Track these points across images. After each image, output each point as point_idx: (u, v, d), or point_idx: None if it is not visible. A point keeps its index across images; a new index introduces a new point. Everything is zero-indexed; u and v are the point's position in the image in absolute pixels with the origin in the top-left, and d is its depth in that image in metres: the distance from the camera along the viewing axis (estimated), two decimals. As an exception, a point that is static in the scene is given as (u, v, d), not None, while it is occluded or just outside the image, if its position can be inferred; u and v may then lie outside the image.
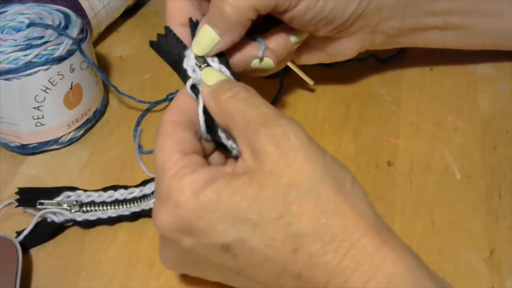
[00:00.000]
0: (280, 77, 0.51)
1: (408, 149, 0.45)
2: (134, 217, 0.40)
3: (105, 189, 0.41)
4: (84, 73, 0.46)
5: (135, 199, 0.41)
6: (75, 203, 0.40)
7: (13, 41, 0.44)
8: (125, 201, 0.41)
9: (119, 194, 0.41)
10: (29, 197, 0.41)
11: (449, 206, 0.41)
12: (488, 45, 0.48)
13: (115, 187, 0.41)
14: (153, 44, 0.35)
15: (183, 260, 0.31)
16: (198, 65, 0.34)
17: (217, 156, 0.34)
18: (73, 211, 0.40)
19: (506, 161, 0.43)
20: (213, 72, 0.33)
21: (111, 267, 0.39)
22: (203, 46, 0.35)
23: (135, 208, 0.40)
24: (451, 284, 0.29)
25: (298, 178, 0.27)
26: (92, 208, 0.41)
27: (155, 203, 0.30)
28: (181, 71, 0.34)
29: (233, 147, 0.32)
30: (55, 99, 0.45)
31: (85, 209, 0.40)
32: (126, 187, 0.41)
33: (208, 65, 0.34)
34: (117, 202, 0.41)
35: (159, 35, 0.35)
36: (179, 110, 0.32)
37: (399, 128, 0.47)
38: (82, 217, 0.40)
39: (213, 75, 0.33)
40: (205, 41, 0.35)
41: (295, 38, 0.41)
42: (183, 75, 0.34)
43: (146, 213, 0.40)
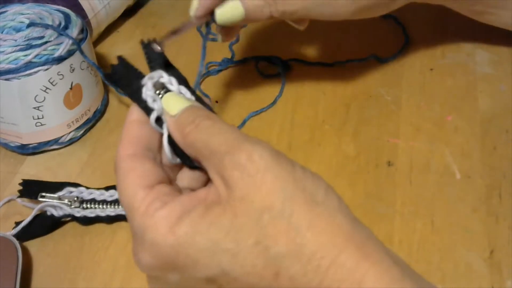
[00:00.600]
0: (281, 77, 0.51)
1: (408, 149, 0.45)
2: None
3: (107, 188, 0.42)
4: (84, 73, 0.46)
5: (135, 200, 0.41)
6: (76, 199, 0.41)
7: (13, 41, 0.44)
8: (125, 202, 0.41)
9: (120, 194, 0.41)
10: (32, 189, 0.41)
11: (449, 206, 0.41)
12: None
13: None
14: (108, 76, 0.33)
15: None
16: (157, 93, 0.32)
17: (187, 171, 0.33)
18: (72, 206, 0.40)
19: (506, 161, 0.43)
20: (174, 99, 0.32)
21: (111, 267, 0.39)
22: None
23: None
24: (451, 284, 0.29)
25: (268, 200, 0.27)
26: (92, 205, 0.41)
27: (133, 244, 0.29)
28: (141, 102, 0.32)
29: None
30: (55, 99, 0.45)
31: (85, 205, 0.41)
32: None
33: (167, 90, 0.32)
34: (117, 202, 0.41)
35: (112, 66, 0.33)
36: (132, 141, 0.31)
37: (399, 128, 0.47)
38: (81, 213, 0.40)
39: (175, 103, 0.31)
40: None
41: None
42: (144, 106, 0.32)
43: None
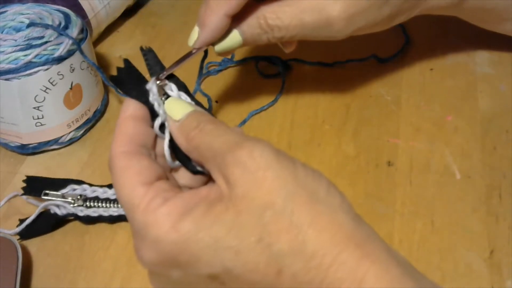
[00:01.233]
0: (281, 77, 0.51)
1: (408, 149, 0.45)
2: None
3: (110, 186, 0.42)
4: (84, 73, 0.46)
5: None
6: (79, 197, 0.41)
7: (13, 41, 0.44)
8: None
9: (123, 192, 0.41)
10: (35, 186, 0.41)
11: (449, 206, 0.41)
12: None
13: (120, 185, 0.41)
14: (113, 78, 0.33)
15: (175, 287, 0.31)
16: (160, 98, 0.32)
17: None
18: (76, 205, 0.40)
19: (506, 161, 0.43)
20: (176, 104, 0.32)
21: (111, 266, 0.39)
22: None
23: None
24: (451, 284, 0.29)
25: (269, 197, 0.27)
26: (95, 203, 0.41)
27: (134, 240, 0.29)
28: (148, 105, 0.32)
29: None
30: (55, 99, 0.45)
31: (88, 204, 0.41)
32: None
33: (167, 96, 0.33)
34: (119, 200, 0.41)
35: (118, 69, 0.33)
36: (127, 138, 0.31)
37: (399, 128, 0.47)
38: (84, 212, 0.40)
39: (178, 108, 0.32)
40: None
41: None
42: (151, 109, 0.32)
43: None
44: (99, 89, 0.49)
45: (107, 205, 0.41)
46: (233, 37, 0.41)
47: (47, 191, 0.41)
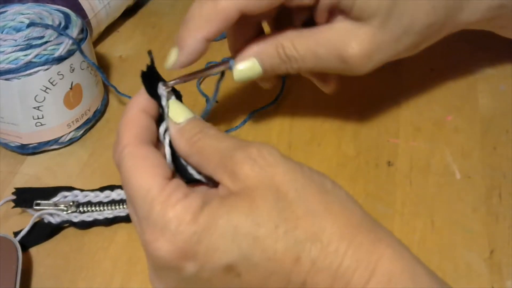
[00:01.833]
0: (281, 77, 0.51)
1: (408, 149, 0.45)
2: (130, 218, 0.40)
3: (102, 189, 0.41)
4: (84, 73, 0.46)
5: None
6: (71, 203, 0.40)
7: (13, 41, 0.44)
8: (122, 201, 0.40)
9: (116, 194, 0.41)
10: (25, 197, 0.41)
11: (449, 206, 0.41)
12: None
13: (111, 187, 0.41)
14: (143, 74, 0.34)
15: None
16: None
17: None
18: (69, 211, 0.40)
19: (506, 161, 0.43)
20: (178, 108, 0.33)
21: (111, 267, 0.39)
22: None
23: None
24: (451, 284, 0.29)
25: (282, 188, 0.27)
26: (88, 208, 0.40)
27: (147, 234, 0.28)
28: (160, 107, 0.33)
29: (208, 180, 0.31)
30: (55, 99, 0.45)
31: (81, 209, 0.40)
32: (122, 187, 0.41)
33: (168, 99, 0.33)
34: (114, 202, 0.41)
35: (147, 65, 0.34)
36: (142, 130, 0.31)
37: (399, 128, 0.47)
38: (78, 218, 0.40)
39: (180, 112, 0.32)
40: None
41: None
42: (161, 111, 0.33)
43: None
44: (99, 89, 0.49)
45: (101, 208, 0.40)
46: (253, 68, 0.39)
47: (39, 201, 0.40)
